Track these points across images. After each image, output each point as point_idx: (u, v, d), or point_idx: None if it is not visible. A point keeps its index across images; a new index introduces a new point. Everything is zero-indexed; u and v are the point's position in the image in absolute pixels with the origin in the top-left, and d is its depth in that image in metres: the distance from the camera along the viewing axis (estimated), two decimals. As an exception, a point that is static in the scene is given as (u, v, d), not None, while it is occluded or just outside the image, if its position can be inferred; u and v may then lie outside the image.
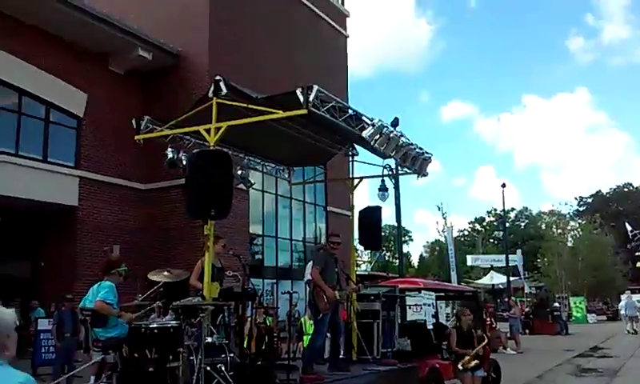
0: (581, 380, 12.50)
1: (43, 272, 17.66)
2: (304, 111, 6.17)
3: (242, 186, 9.73)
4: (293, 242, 24.21)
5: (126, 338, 5.55)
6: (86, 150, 17.94)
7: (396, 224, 20.50)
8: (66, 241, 17.38)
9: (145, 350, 5.26)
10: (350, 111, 6.91)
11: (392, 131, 7.10)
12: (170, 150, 8.10)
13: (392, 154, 7.36)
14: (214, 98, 6.51)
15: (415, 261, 70.10)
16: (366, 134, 6.78)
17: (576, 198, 68.89)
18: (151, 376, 5.15)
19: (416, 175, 8.36)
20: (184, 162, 7.87)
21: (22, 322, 14.97)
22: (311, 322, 10.10)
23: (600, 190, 68.45)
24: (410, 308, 15.25)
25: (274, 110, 6.44)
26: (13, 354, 2.34)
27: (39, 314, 14.69)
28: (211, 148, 6.46)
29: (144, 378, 5.17)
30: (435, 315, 12.59)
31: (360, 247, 11.09)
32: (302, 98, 6.11)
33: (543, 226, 58.31)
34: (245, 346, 7.39)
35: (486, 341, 8.24)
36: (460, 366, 7.94)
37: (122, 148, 18.53)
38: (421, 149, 7.85)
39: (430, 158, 8.16)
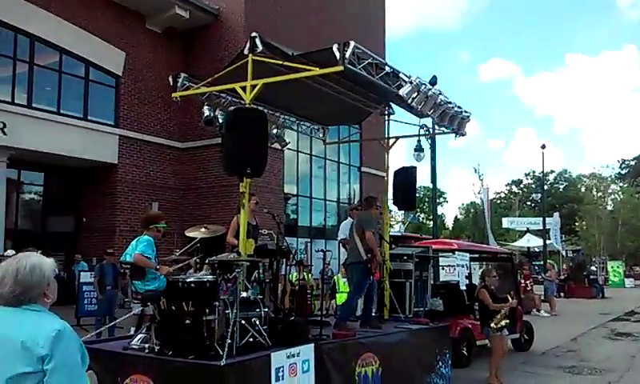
0: (615, 343, 12.35)
1: (85, 227, 18.28)
2: (340, 68, 6.08)
3: (276, 144, 9.75)
4: (327, 202, 24.31)
5: (163, 291, 5.71)
6: (124, 109, 18.24)
7: (431, 185, 20.28)
8: (106, 197, 17.90)
9: (182, 303, 5.40)
10: (387, 68, 6.77)
11: (430, 89, 6.93)
12: (206, 107, 8.13)
13: (430, 113, 7.22)
14: (250, 55, 6.47)
15: (450, 223, 69.56)
16: (403, 91, 6.65)
17: (618, 161, 66.82)
18: (188, 328, 5.30)
19: (454, 135, 8.19)
20: (220, 120, 7.90)
21: (65, 275, 15.69)
22: (344, 280, 10.21)
23: (644, 152, 66.05)
24: (443, 269, 15.22)
25: (310, 67, 6.36)
26: (53, 300, 2.41)
27: (82, 267, 15.27)
28: (247, 106, 6.46)
29: (181, 329, 5.32)
30: (469, 276, 12.53)
31: (394, 208, 11.04)
32: (338, 55, 6.02)
33: (583, 189, 56.91)
34: (279, 301, 7.54)
35: (512, 302, 8.17)
36: (493, 325, 7.90)
37: (160, 106, 18.79)
38: (459, 107, 7.67)
39: (468, 116, 7.97)
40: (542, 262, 28.79)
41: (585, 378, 8.64)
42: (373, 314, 7.97)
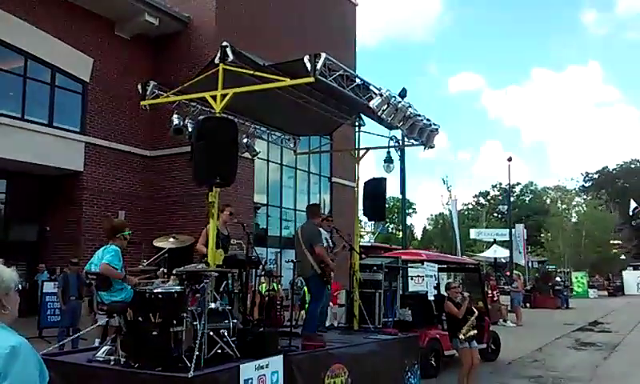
0: (579, 353, 12.62)
1: (49, 236, 17.81)
2: (311, 79, 6.11)
3: (247, 154, 9.70)
4: (297, 211, 24.27)
5: (130, 302, 5.60)
6: (91, 116, 17.90)
7: (400, 196, 20.46)
8: (71, 206, 17.49)
9: (149, 314, 5.30)
10: (358, 80, 6.84)
11: (400, 102, 7.03)
12: (175, 116, 8.05)
13: (399, 125, 7.31)
14: (221, 64, 6.45)
15: (419, 233, 70.26)
16: (373, 103, 6.73)
17: (582, 174, 68.68)
18: (155, 339, 5.21)
19: (422, 147, 8.31)
20: (190, 129, 7.84)
21: (27, 285, 15.25)
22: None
23: (607, 166, 68.17)
24: (412, 279, 15.34)
25: (281, 78, 6.38)
26: (13, 314, 2.29)
27: (45, 278, 14.86)
28: (217, 115, 6.42)
29: (148, 341, 5.23)
30: (437, 287, 12.65)
31: (364, 218, 11.11)
32: (309, 66, 6.05)
33: (548, 201, 58.24)
34: (248, 312, 7.48)
35: (476, 314, 8.29)
36: (461, 336, 8.00)
37: (128, 114, 18.50)
38: (428, 120, 7.79)
39: (437, 129, 8.10)
40: (508, 273, 29.26)
41: (550, 387, 8.79)
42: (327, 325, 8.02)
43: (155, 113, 15.26)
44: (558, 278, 31.53)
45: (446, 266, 14.14)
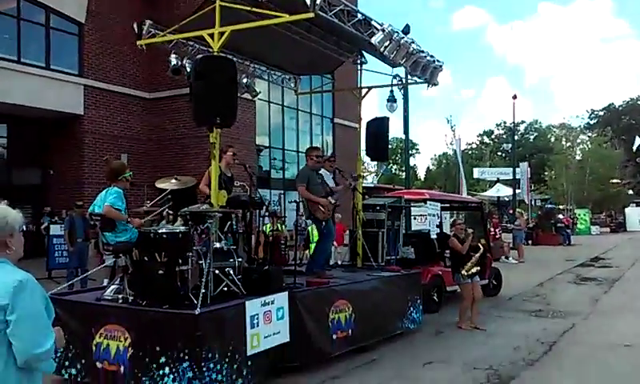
0: (580, 288, 12.82)
1: (53, 180, 17.90)
2: (311, 15, 5.94)
3: (247, 95, 9.57)
4: (299, 153, 24.21)
5: (135, 243, 5.66)
6: (89, 58, 17.62)
7: (403, 136, 20.33)
8: (73, 149, 17.49)
9: (154, 254, 5.37)
10: (359, 15, 6.65)
11: (402, 38, 6.86)
12: (173, 56, 7.88)
13: (402, 62, 7.16)
14: (217, 1, 6.27)
15: (422, 174, 70.36)
16: (375, 39, 6.56)
17: (587, 111, 67.88)
18: (161, 278, 5.29)
19: (426, 84, 8.18)
20: (188, 69, 7.69)
21: (34, 228, 15.43)
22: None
23: (613, 103, 67.12)
24: (414, 218, 15.44)
25: (280, 14, 6.20)
26: (18, 253, 2.34)
27: (53, 220, 15.00)
28: (215, 54, 6.29)
29: (154, 280, 5.32)
30: (439, 225, 12.75)
31: (367, 159, 11.04)
32: (308, 1, 5.87)
33: (552, 139, 57.88)
34: (253, 252, 7.57)
35: (482, 250, 8.40)
36: (464, 272, 8.14)
37: (126, 56, 18.21)
38: (432, 56, 7.62)
39: (440, 66, 7.94)
40: (511, 211, 29.41)
41: (550, 320, 8.97)
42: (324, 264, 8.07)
43: (154, 54, 14.97)
44: (560, 216, 31.69)
45: (448, 204, 14.20)
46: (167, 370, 4.88)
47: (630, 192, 47.99)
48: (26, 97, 15.76)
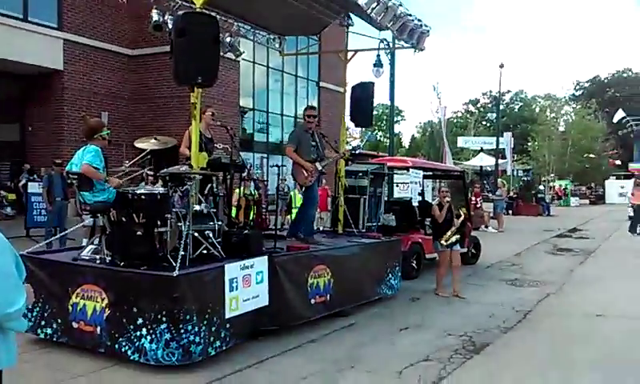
0: (556, 258, 13.05)
1: (31, 136, 17.54)
2: (297, -27, 5.78)
3: (230, 54, 9.37)
4: (284, 117, 24.01)
5: (113, 203, 5.58)
6: (68, 11, 17.09)
7: (389, 103, 20.17)
8: (52, 105, 17.11)
9: (132, 215, 5.30)
10: (347, -24, 6.50)
11: (390, 0, 6.73)
12: (155, 11, 7.65)
13: (389, 25, 7.05)
14: (201, -45, 6.05)
15: (407, 141, 70.36)
16: (362, 0, 6.43)
17: (573, 83, 68.07)
18: (139, 239, 5.24)
19: (413, 49, 8.08)
20: (170, 26, 7.48)
21: (12, 185, 15.18)
22: (300, 195, 10.26)
23: (598, 75, 67.40)
24: (397, 186, 15.46)
25: (265, -29, 6.02)
26: None
27: (27, 177, 14.78)
28: (197, 10, 6.10)
29: (132, 241, 5.26)
30: (421, 193, 12.78)
31: (351, 124, 10.95)
32: (295, -41, 5.70)
33: (537, 110, 58.12)
34: (233, 216, 7.52)
35: (463, 217, 8.49)
36: (443, 242, 8.22)
37: (108, 10, 17.70)
38: (419, 21, 7.52)
39: (428, 31, 7.85)
40: (493, 181, 29.65)
41: (525, 289, 9.13)
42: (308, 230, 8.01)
43: (136, 8, 14.60)
44: (540, 186, 32.06)
45: (431, 172, 14.22)
46: (144, 331, 4.87)
47: (619, 162, 48.35)
48: (2, 50, 15.27)
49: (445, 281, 8.47)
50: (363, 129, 36.80)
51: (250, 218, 8.73)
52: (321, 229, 9.75)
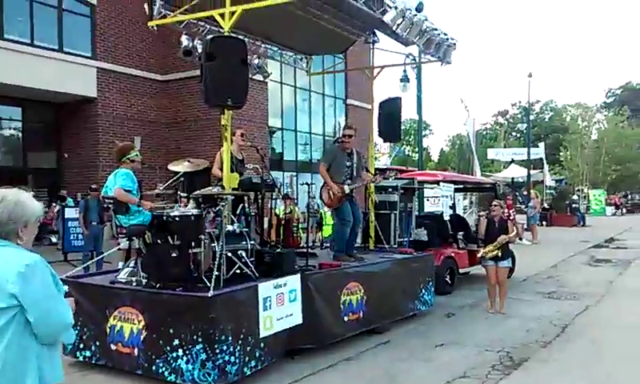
0: (594, 269, 12.71)
1: (68, 163, 18.04)
2: (322, -7, 5.86)
3: (259, 76, 9.52)
4: (312, 135, 24.13)
5: (148, 225, 5.68)
6: (101, 40, 17.62)
7: (417, 117, 20.10)
8: (87, 132, 17.59)
9: (167, 237, 5.40)
10: (372, -7, 6.55)
11: (415, 15, 6.74)
12: (184, 37, 7.84)
13: (415, 40, 7.06)
14: (228, -20, 6.20)
15: (435, 155, 69.78)
16: (387, 17, 6.47)
17: (604, 90, 66.72)
18: (174, 261, 5.32)
19: (440, 63, 8.06)
20: (199, 50, 7.65)
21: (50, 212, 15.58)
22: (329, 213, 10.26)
23: (630, 82, 65.88)
24: (427, 200, 15.36)
25: (291, -8, 6.12)
26: (27, 245, 2.32)
27: (70, 204, 15.15)
28: (226, 34, 6.23)
29: (167, 262, 5.35)
30: (453, 207, 12.68)
31: (379, 140, 10.94)
32: (320, -21, 5.78)
33: (568, 119, 57.07)
34: (265, 235, 7.57)
35: (513, 233, 8.22)
36: (482, 255, 8.08)
37: (138, 38, 18.18)
38: (445, 34, 7.50)
39: (454, 44, 7.82)
40: (526, 192, 29.13)
41: (563, 302, 8.91)
42: (356, 245, 8.03)
43: (165, 35, 14.95)
44: (574, 196, 31.35)
45: (461, 186, 14.10)
46: (180, 352, 4.93)
47: None
48: (39, 80, 15.81)
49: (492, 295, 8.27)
50: (391, 144, 36.78)
51: (282, 236, 8.77)
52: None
